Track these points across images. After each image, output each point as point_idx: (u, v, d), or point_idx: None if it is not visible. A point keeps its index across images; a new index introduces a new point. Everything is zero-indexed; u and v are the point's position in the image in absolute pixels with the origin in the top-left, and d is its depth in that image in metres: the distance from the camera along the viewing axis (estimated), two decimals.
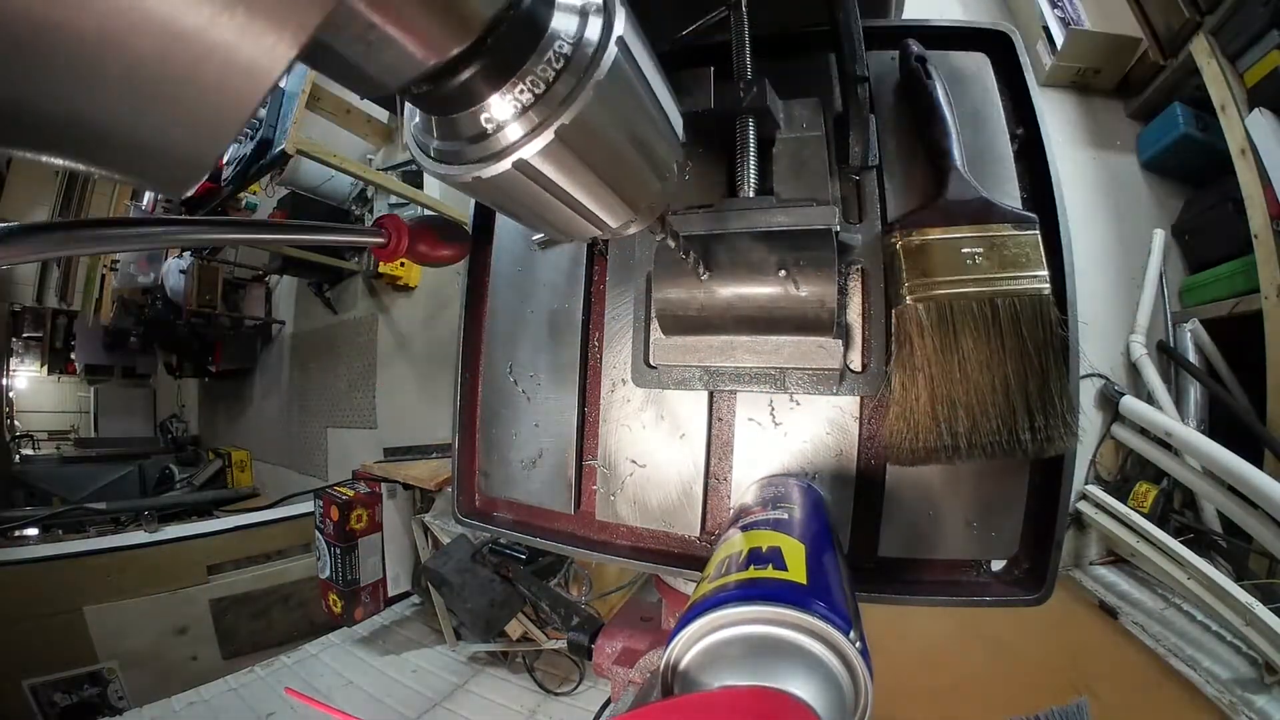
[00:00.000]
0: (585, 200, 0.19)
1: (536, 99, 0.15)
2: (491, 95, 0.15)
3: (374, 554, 1.62)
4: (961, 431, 0.34)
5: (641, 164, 0.20)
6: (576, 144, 0.16)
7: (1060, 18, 1.73)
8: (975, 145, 0.39)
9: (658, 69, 0.19)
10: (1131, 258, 1.65)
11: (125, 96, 0.10)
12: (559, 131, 0.15)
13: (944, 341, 0.35)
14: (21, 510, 2.34)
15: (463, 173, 0.16)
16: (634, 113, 0.18)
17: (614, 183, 0.19)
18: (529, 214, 0.20)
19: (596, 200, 0.19)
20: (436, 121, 0.17)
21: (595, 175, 0.18)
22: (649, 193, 0.21)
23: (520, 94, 0.15)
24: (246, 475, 4.26)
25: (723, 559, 0.25)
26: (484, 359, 0.50)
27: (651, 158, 0.20)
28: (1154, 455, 1.40)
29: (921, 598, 0.37)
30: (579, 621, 0.52)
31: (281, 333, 4.29)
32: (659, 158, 0.21)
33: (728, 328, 0.38)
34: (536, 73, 0.15)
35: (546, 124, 0.15)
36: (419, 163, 0.18)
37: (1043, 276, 0.35)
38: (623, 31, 0.16)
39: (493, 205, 0.21)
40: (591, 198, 0.19)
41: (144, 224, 0.26)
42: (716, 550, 0.27)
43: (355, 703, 1.38)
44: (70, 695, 1.67)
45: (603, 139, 0.17)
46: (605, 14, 0.16)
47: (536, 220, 0.20)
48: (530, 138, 0.15)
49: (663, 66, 0.20)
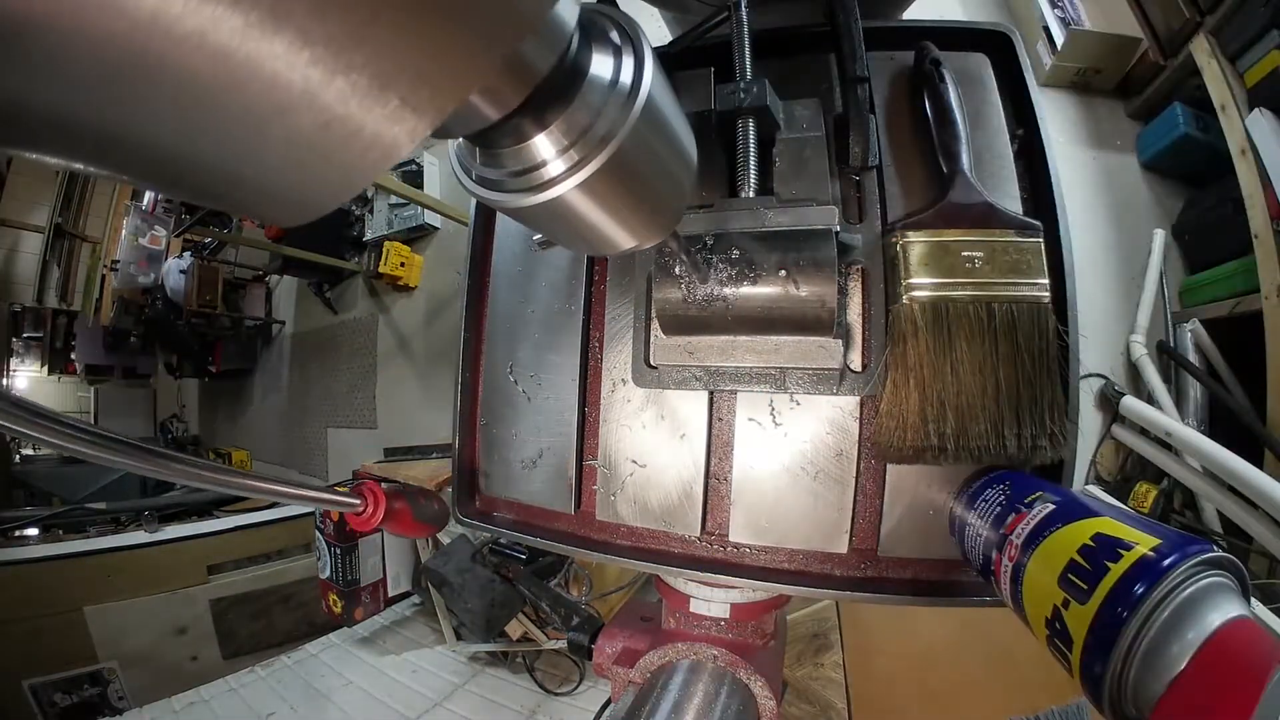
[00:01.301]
0: (614, 224, 0.20)
1: (578, 139, 0.17)
2: (537, 135, 0.17)
3: (374, 554, 1.62)
4: (949, 433, 0.34)
5: (668, 188, 0.21)
6: (612, 176, 0.17)
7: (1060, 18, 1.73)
8: (975, 145, 0.39)
9: (674, 99, 0.20)
10: (1131, 258, 1.65)
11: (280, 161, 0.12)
12: (597, 169, 0.17)
13: (938, 343, 0.35)
14: (21, 510, 2.34)
15: (506, 200, 0.18)
16: (661, 144, 0.19)
17: (644, 207, 0.20)
18: (564, 233, 0.22)
19: (622, 226, 0.20)
20: (480, 150, 0.18)
21: (628, 201, 0.19)
22: (674, 212, 0.23)
23: (563, 134, 0.17)
24: None
25: (1083, 543, 0.25)
26: (484, 359, 0.50)
27: (676, 182, 0.22)
28: (1154, 455, 1.40)
29: (922, 598, 0.37)
30: (579, 621, 0.52)
31: (282, 333, 4.29)
32: (681, 182, 0.22)
33: (728, 328, 0.38)
34: (578, 116, 0.17)
35: (586, 161, 0.17)
36: (463, 185, 0.19)
37: (1043, 285, 0.35)
38: (653, 73, 0.17)
39: (526, 224, 0.22)
40: (617, 224, 0.20)
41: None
42: (1043, 547, 0.27)
43: (355, 703, 1.38)
44: (70, 695, 1.67)
45: (635, 170, 0.18)
46: (636, 56, 0.17)
47: (571, 238, 0.22)
48: (571, 174, 0.17)
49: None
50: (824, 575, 0.40)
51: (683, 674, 0.42)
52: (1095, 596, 0.22)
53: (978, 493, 0.34)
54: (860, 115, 0.37)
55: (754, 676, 0.41)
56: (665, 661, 0.43)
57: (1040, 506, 0.29)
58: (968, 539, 0.33)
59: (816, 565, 0.40)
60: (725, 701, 0.40)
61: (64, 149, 0.11)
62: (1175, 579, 0.21)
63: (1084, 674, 0.22)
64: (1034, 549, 0.27)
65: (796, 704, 1.14)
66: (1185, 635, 0.20)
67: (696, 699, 0.40)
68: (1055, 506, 0.28)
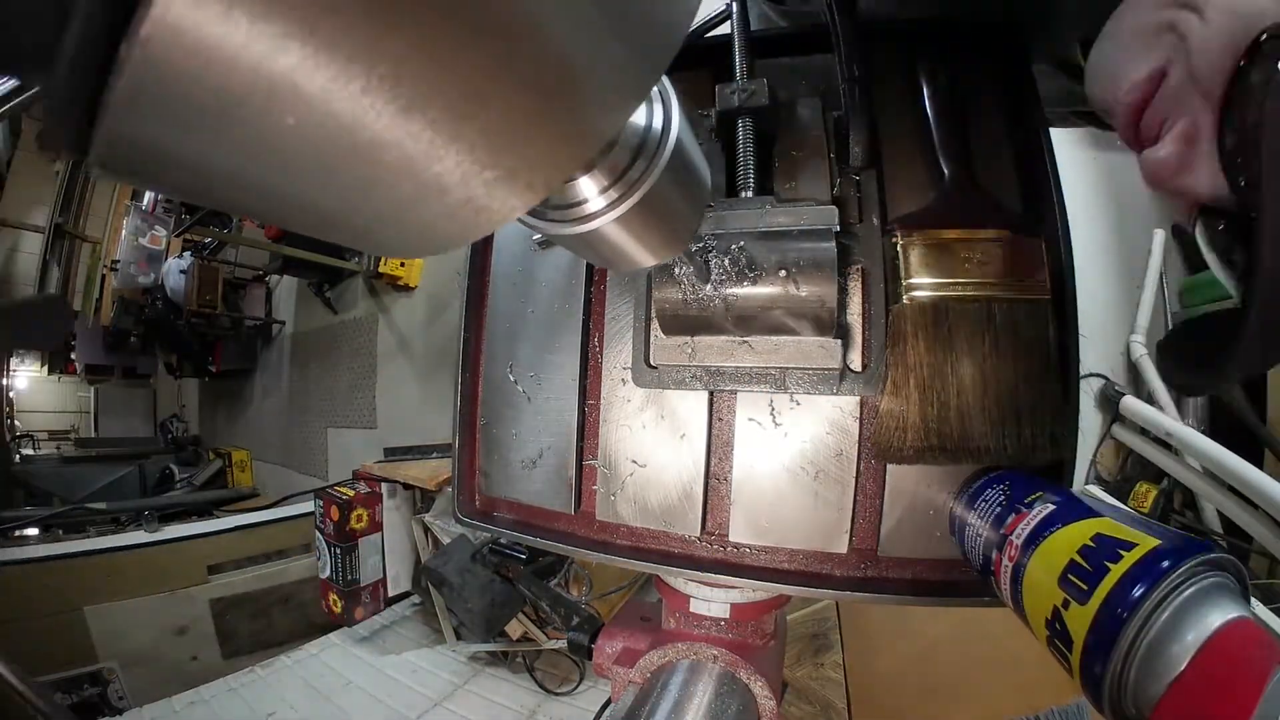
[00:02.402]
0: (643, 246, 0.22)
1: (617, 180, 0.19)
2: (582, 177, 0.19)
3: (374, 554, 1.62)
4: (949, 433, 0.34)
5: (688, 214, 0.24)
6: (644, 211, 0.20)
7: None
8: (976, 145, 0.39)
9: (696, 144, 0.22)
10: (1131, 258, 1.65)
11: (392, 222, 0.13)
12: (634, 206, 0.19)
13: (938, 343, 0.35)
14: (21, 510, 2.34)
15: (545, 228, 0.20)
16: (684, 178, 0.21)
17: (667, 232, 0.23)
18: (590, 255, 0.24)
19: (646, 249, 0.23)
20: None
21: (654, 230, 0.22)
22: (691, 233, 0.25)
23: (604, 175, 0.19)
24: (246, 475, 4.26)
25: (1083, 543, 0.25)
26: (484, 359, 0.50)
27: (695, 209, 0.24)
28: (1154, 455, 1.40)
29: (921, 598, 0.37)
30: (579, 621, 0.52)
31: (282, 333, 4.29)
32: (699, 207, 0.25)
33: (728, 328, 0.38)
34: (618, 160, 0.19)
35: (624, 200, 0.19)
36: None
37: (1043, 285, 0.35)
38: (679, 118, 0.19)
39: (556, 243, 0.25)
40: (641, 248, 0.22)
41: None
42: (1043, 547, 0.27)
43: (355, 703, 1.38)
44: (70, 695, 1.67)
45: (662, 203, 0.20)
46: (663, 101, 0.20)
47: (596, 258, 0.24)
48: (609, 210, 0.19)
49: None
50: (824, 575, 0.40)
51: (683, 674, 0.42)
52: (1095, 597, 0.22)
53: (978, 493, 0.34)
54: (860, 115, 0.37)
55: (754, 676, 0.41)
56: (665, 661, 0.43)
57: (1040, 507, 0.29)
58: (968, 539, 0.33)
59: (816, 565, 0.40)
60: (725, 702, 0.40)
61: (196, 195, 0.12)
62: (1175, 580, 0.21)
63: (1084, 675, 0.22)
64: (1034, 549, 0.27)
65: (796, 704, 1.14)
66: (1185, 636, 0.20)
67: (696, 699, 0.40)
68: (1055, 507, 0.28)
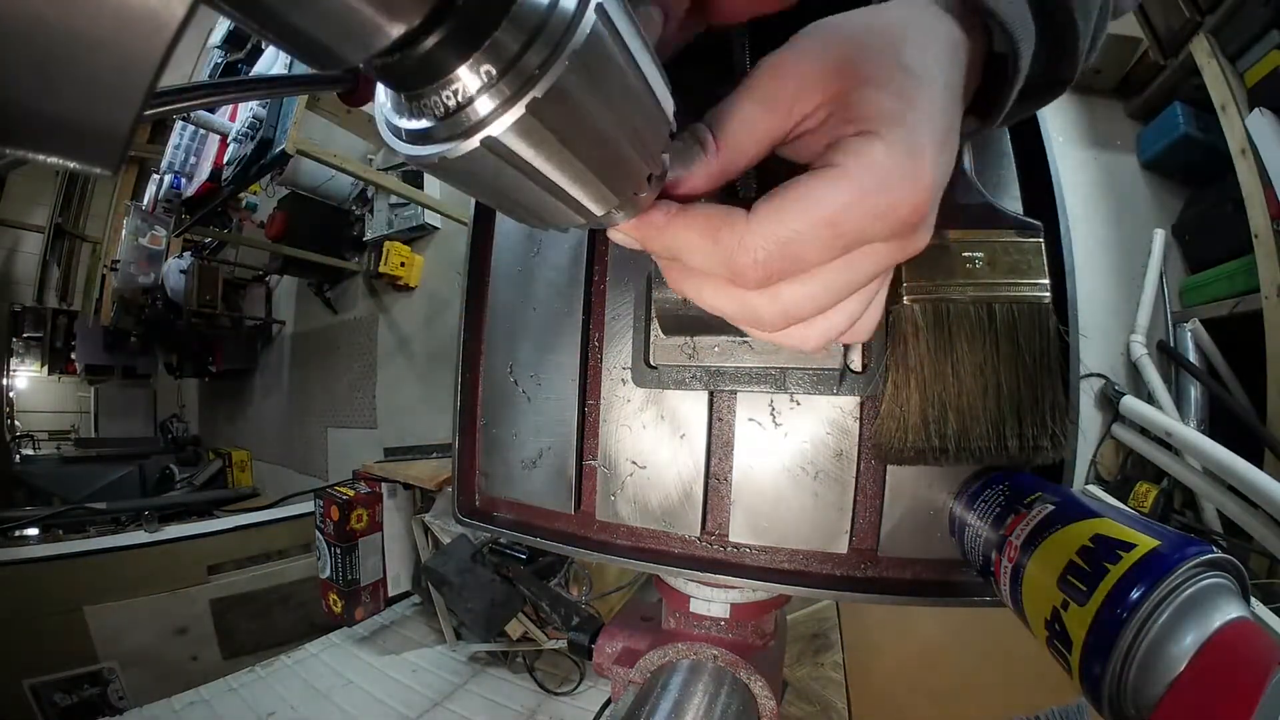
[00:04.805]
0: (563, 184, 0.17)
1: (506, 70, 0.14)
2: (459, 67, 0.14)
3: (374, 554, 1.62)
4: (950, 434, 0.34)
5: (626, 147, 0.18)
6: (551, 121, 0.15)
7: None
8: (975, 145, 0.39)
9: (646, 46, 0.17)
10: (1131, 258, 1.65)
11: (24, 64, 0.09)
12: (530, 106, 0.14)
13: (938, 343, 0.35)
14: (21, 510, 2.34)
15: (430, 154, 0.15)
16: (617, 89, 0.16)
17: (595, 166, 0.17)
18: (505, 200, 0.19)
19: (575, 185, 0.18)
20: (406, 98, 0.16)
21: (574, 156, 0.16)
22: (634, 179, 0.19)
23: (490, 65, 0.14)
24: (247, 475, 4.26)
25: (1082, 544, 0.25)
26: (484, 359, 0.50)
27: (637, 141, 0.18)
28: (1154, 455, 1.40)
29: (921, 598, 0.37)
30: (579, 621, 0.52)
31: (281, 333, 4.29)
32: (645, 141, 0.19)
33: (728, 328, 0.38)
34: (507, 41, 0.14)
35: (517, 97, 0.14)
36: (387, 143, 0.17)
37: (1044, 285, 0.35)
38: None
39: (469, 192, 0.19)
40: (570, 181, 0.17)
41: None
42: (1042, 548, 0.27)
43: (355, 703, 1.38)
44: (70, 695, 1.67)
45: (581, 116, 0.16)
46: None
47: (513, 206, 0.19)
48: (499, 112, 0.14)
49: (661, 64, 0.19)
50: (824, 575, 0.40)
51: (683, 674, 0.42)
52: (1094, 598, 0.22)
53: (977, 493, 0.34)
54: None
55: (754, 676, 0.41)
56: (665, 661, 0.43)
57: (1040, 507, 0.29)
58: (967, 539, 0.33)
59: (816, 565, 0.40)
60: (725, 701, 0.40)
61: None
62: (1174, 580, 0.21)
63: (1083, 675, 0.22)
64: (1033, 550, 0.27)
65: (796, 704, 1.14)
66: (1185, 636, 0.20)
67: (696, 699, 0.40)
68: (1055, 507, 0.28)
